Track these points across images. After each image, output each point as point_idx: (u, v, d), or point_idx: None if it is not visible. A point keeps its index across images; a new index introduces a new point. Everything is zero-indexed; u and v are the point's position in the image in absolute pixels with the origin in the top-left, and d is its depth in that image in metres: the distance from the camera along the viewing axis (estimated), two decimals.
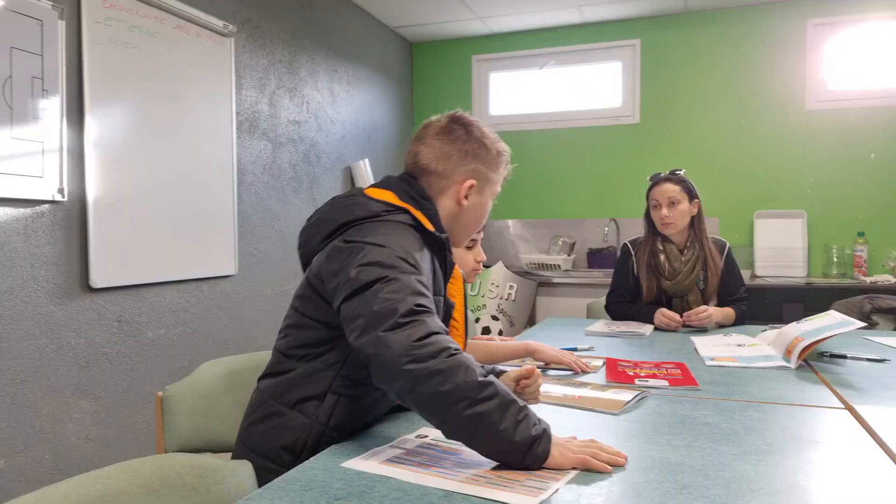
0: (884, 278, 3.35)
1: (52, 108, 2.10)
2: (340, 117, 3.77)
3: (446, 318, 1.24)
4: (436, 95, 4.64)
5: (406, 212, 1.16)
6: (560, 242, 4.18)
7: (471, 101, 4.55)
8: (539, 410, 1.24)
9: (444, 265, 1.24)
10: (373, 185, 1.23)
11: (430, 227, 1.17)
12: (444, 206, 1.24)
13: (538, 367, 1.61)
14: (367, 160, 3.86)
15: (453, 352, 0.94)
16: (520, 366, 1.64)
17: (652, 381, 1.45)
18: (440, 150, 1.23)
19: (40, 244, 2.10)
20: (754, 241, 3.82)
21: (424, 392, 0.91)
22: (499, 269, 3.83)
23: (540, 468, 0.92)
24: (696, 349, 1.87)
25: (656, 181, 2.41)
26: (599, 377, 1.53)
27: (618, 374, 1.54)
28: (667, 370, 1.56)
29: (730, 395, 1.34)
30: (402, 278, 0.99)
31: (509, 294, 3.75)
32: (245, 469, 0.90)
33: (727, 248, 2.45)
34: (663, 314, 2.27)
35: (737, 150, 3.96)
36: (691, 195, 2.37)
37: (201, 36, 2.71)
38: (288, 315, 1.19)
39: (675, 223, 2.35)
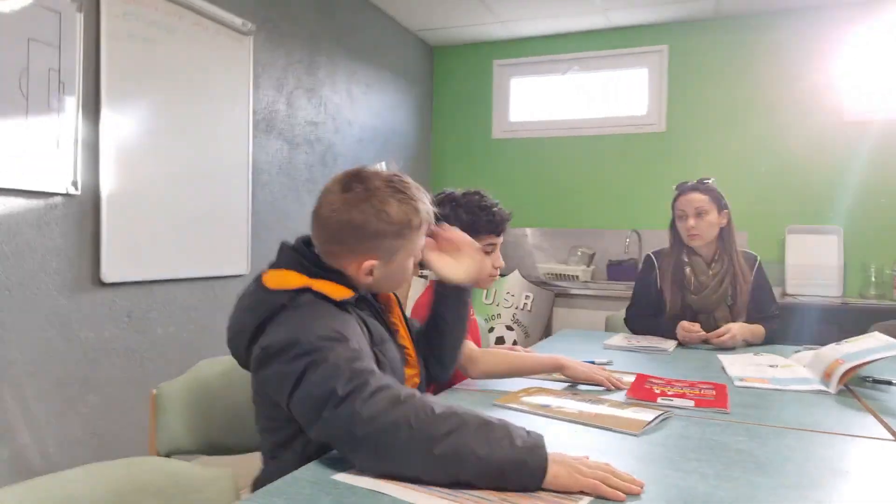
0: None
1: (68, 100, 2.07)
2: (358, 119, 3.72)
3: (403, 357, 1.22)
4: (456, 100, 4.58)
5: (308, 290, 1.08)
6: (579, 253, 4.07)
7: (491, 107, 4.47)
8: (551, 428, 1.15)
9: (375, 311, 1.18)
10: (273, 265, 1.15)
11: (338, 295, 1.10)
12: (352, 274, 1.15)
13: (567, 384, 1.53)
14: (383, 163, 3.78)
15: (403, 398, 0.89)
16: (548, 379, 1.55)
17: (677, 401, 1.34)
18: (335, 229, 1.12)
19: (52, 236, 2.06)
20: (785, 257, 3.67)
21: (388, 452, 0.86)
22: (515, 278, 3.73)
23: (541, 487, 0.83)
24: (723, 368, 1.76)
25: (683, 190, 2.30)
26: (620, 394, 1.43)
27: (640, 390, 1.44)
28: (700, 390, 1.44)
29: (762, 420, 1.23)
30: (329, 356, 0.95)
31: (525, 304, 3.65)
32: (224, 478, 0.82)
33: (758, 261, 2.33)
34: (684, 327, 2.15)
35: (769, 161, 3.83)
36: (720, 205, 2.25)
37: (220, 33, 2.67)
38: (255, 414, 1.14)
39: (702, 235, 2.24)
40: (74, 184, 2.08)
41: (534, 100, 4.42)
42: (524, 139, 4.40)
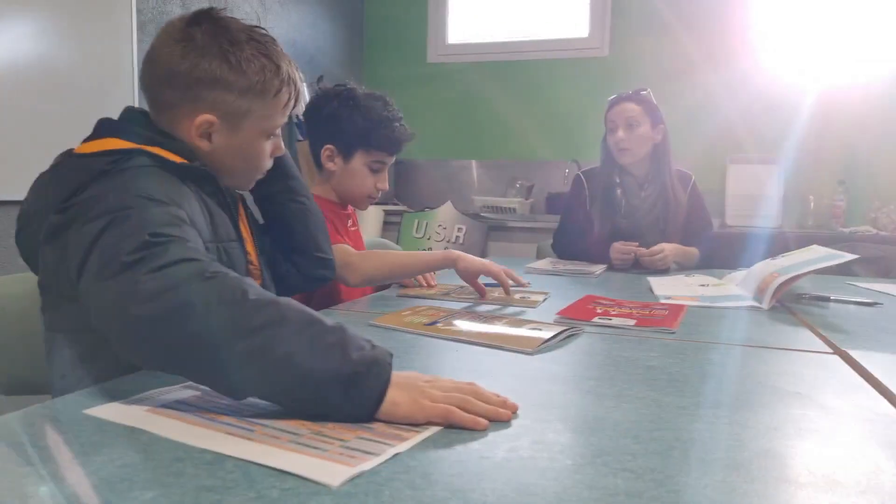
0: (864, 229, 3.10)
1: None
2: (273, 33, 3.30)
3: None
4: (390, 19, 4.20)
5: (141, 153, 0.82)
6: (518, 185, 3.85)
7: (427, 26, 4.13)
8: (431, 349, 0.93)
9: (225, 201, 0.93)
10: (86, 139, 0.88)
11: (177, 159, 0.86)
12: (184, 136, 0.91)
13: (461, 287, 1.37)
14: (304, 85, 3.43)
15: (209, 274, 0.62)
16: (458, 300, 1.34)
17: (617, 321, 1.13)
18: (165, 66, 0.88)
19: None
20: (726, 188, 3.54)
21: (172, 342, 0.60)
22: (447, 210, 3.50)
23: (374, 418, 0.60)
24: (650, 289, 1.57)
25: (615, 101, 2.09)
26: (541, 313, 1.21)
27: (577, 310, 1.22)
28: (651, 311, 1.23)
29: (684, 337, 1.03)
30: (134, 214, 0.70)
31: (457, 237, 3.42)
32: None
33: (692, 181, 2.14)
34: (616, 248, 1.96)
35: (717, 88, 3.63)
36: (655, 118, 2.04)
37: None
38: (43, 325, 0.87)
39: (633, 149, 2.03)
40: None
41: (473, 19, 4.09)
42: (462, 63, 4.08)
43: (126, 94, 2.44)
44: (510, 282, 1.34)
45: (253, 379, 0.60)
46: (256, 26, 0.95)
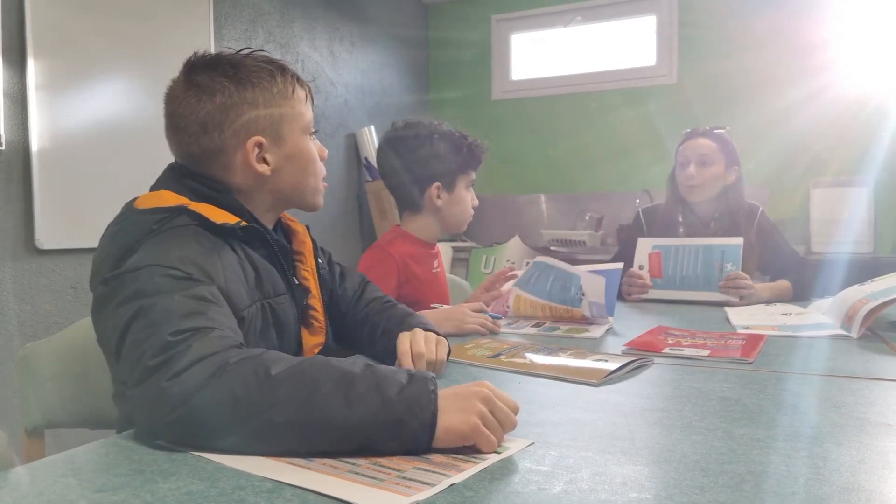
0: None
1: None
2: (342, 80, 3.47)
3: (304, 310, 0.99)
4: (454, 59, 4.30)
5: (184, 211, 0.84)
6: (587, 217, 3.80)
7: (490, 65, 4.20)
8: (491, 380, 0.93)
9: (275, 254, 0.93)
10: (152, 187, 0.92)
11: (219, 218, 0.85)
12: (244, 184, 0.92)
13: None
14: (372, 127, 3.56)
15: (232, 364, 0.63)
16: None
17: (689, 351, 1.09)
18: (193, 122, 0.89)
19: None
20: (810, 213, 3.35)
21: (209, 434, 0.62)
22: (515, 245, 3.49)
23: (432, 448, 0.61)
24: (727, 319, 1.50)
25: (689, 135, 1.99)
26: (601, 344, 1.18)
27: (646, 341, 1.19)
28: (726, 341, 1.17)
29: (761, 367, 0.97)
30: (159, 303, 0.70)
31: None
32: None
33: (759, 212, 1.96)
34: (631, 273, 1.86)
35: (793, 109, 3.49)
36: (730, 159, 1.91)
37: None
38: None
39: (702, 187, 1.90)
40: None
41: (536, 56, 4.13)
42: (526, 99, 4.11)
43: None
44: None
45: (301, 443, 0.61)
46: (245, 48, 0.97)
